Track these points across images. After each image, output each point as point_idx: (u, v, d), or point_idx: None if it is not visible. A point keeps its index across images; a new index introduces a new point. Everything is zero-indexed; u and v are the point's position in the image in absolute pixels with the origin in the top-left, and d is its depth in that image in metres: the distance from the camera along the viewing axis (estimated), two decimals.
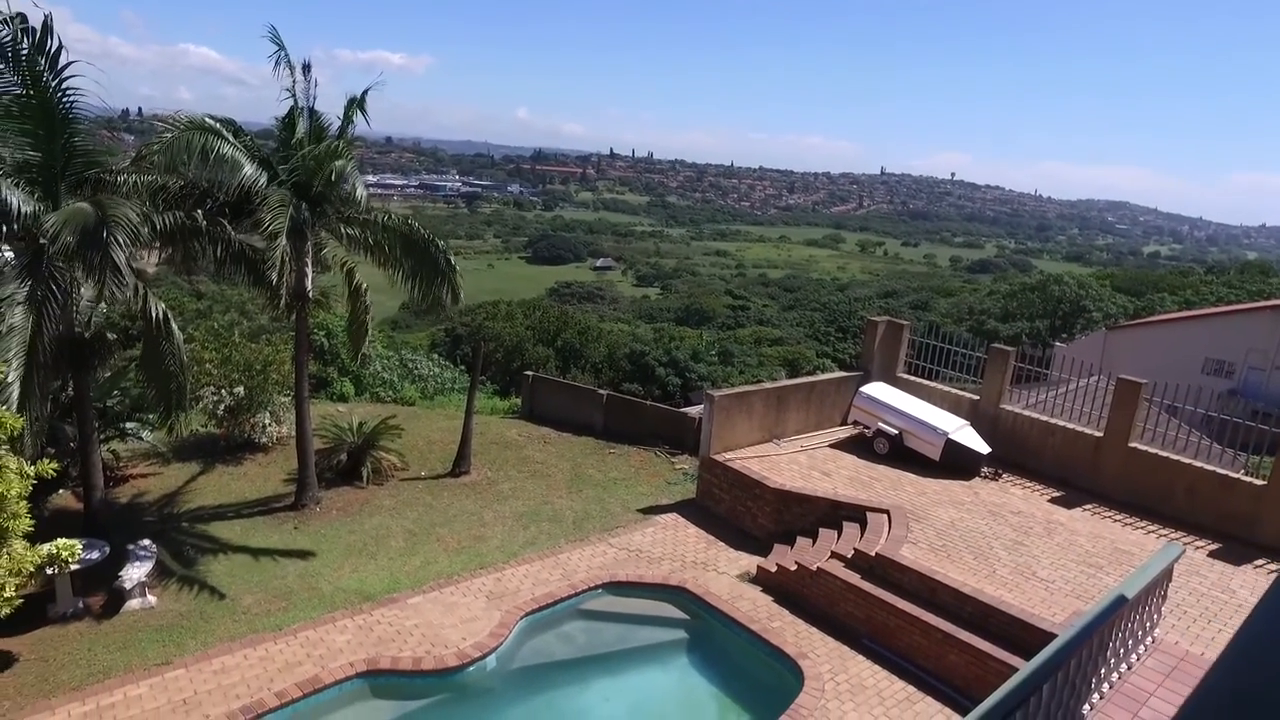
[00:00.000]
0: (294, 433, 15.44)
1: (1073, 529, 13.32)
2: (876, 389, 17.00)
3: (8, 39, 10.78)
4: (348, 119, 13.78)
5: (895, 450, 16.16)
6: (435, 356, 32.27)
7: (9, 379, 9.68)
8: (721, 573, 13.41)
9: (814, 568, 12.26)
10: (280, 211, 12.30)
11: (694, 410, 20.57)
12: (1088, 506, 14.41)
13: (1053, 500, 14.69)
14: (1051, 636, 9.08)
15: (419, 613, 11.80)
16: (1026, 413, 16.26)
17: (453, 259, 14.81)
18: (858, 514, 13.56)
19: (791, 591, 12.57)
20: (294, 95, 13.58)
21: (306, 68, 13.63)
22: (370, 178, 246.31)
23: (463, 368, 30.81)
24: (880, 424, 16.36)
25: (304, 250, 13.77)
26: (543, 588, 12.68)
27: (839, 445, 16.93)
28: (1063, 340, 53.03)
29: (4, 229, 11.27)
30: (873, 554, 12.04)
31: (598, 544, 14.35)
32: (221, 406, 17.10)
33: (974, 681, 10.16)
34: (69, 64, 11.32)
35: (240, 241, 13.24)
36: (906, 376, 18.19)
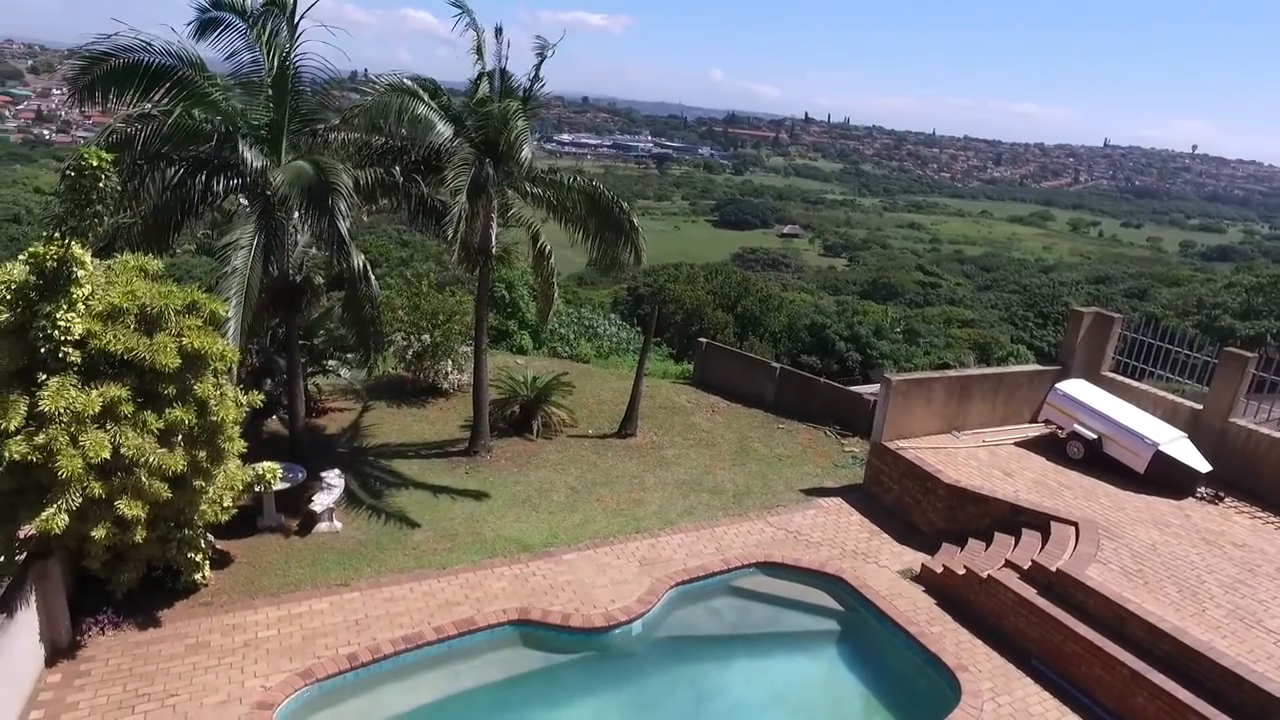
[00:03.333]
0: (472, 381, 16.23)
1: None
2: (1076, 387, 15.39)
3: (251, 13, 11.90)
4: (536, 73, 14.06)
5: (1092, 457, 14.62)
6: (613, 316, 32.90)
7: (228, 315, 10.74)
8: (882, 566, 12.76)
9: (984, 575, 11.36)
10: (463, 170, 12.83)
11: (869, 390, 19.65)
12: None
13: None
14: (1277, 701, 7.87)
15: (573, 569, 12.12)
16: (1265, 430, 14.12)
17: (636, 221, 14.84)
18: (1040, 522, 12.41)
19: (957, 597, 11.75)
20: (480, 56, 14.04)
21: (498, 31, 14.03)
22: (565, 136, 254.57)
23: (639, 329, 31.24)
24: (1077, 426, 14.83)
25: (489, 208, 14.27)
26: (696, 559, 12.64)
27: (1026, 445, 15.55)
28: None
29: (238, 181, 12.49)
30: (1053, 569, 10.97)
31: (756, 521, 14.10)
32: (410, 352, 18.29)
33: None
34: (301, 33, 12.40)
35: (431, 196, 13.93)
36: (1113, 376, 16.34)
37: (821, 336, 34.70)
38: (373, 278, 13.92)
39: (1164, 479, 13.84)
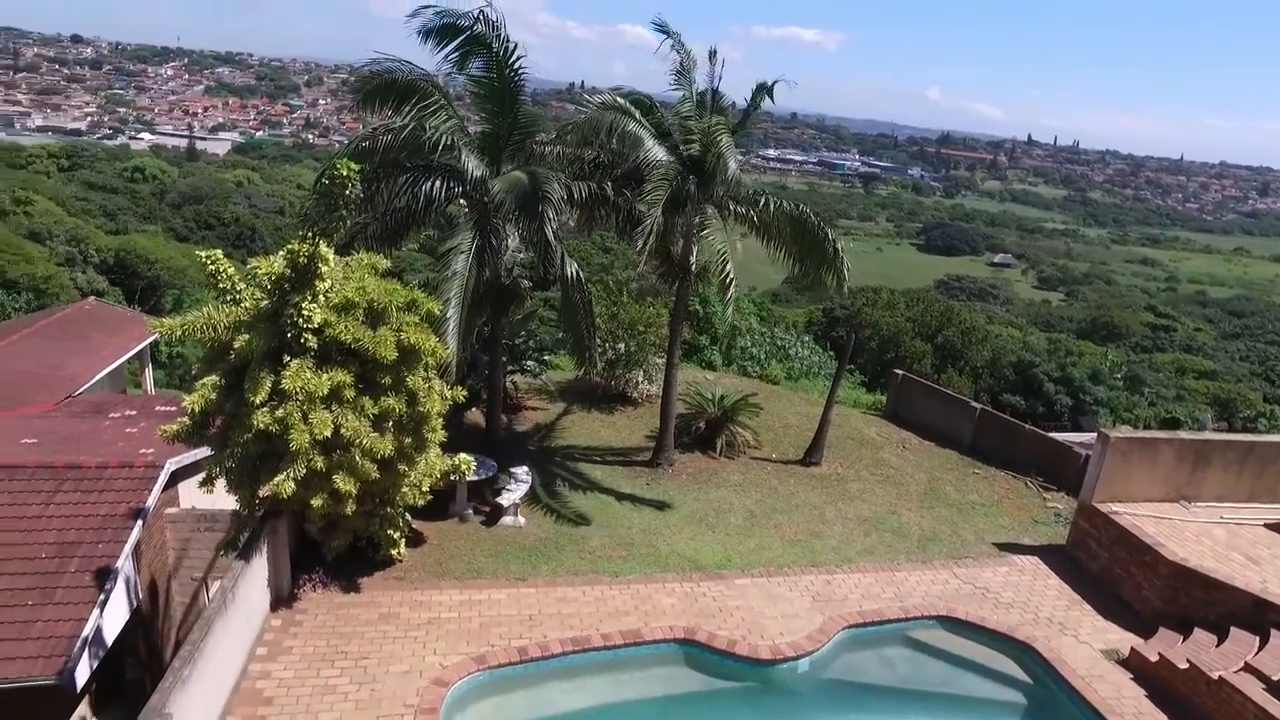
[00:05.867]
0: (661, 393, 16.47)
1: None
2: None
3: (483, 32, 12.81)
4: (754, 105, 14.11)
5: None
6: (807, 339, 32.22)
7: (448, 315, 11.56)
8: (1082, 641, 11.52)
9: (1214, 675, 9.92)
10: (661, 185, 13.10)
11: (1079, 440, 17.90)
12: None
13: None
14: None
15: (743, 595, 11.93)
16: None
17: (841, 247, 14.49)
18: None
19: (1173, 693, 10.35)
20: (683, 79, 14.28)
21: (712, 54, 14.21)
22: (771, 152, 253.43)
23: (832, 354, 30.38)
24: None
25: (691, 225, 14.43)
26: (872, 602, 12.05)
27: None
28: None
29: (460, 188, 13.46)
30: None
31: (940, 570, 13.23)
32: (603, 359, 18.86)
33: None
34: (515, 48, 13.21)
35: (636, 209, 14.31)
36: None
37: (1028, 375, 32.15)
38: (586, 286, 14.55)
39: None
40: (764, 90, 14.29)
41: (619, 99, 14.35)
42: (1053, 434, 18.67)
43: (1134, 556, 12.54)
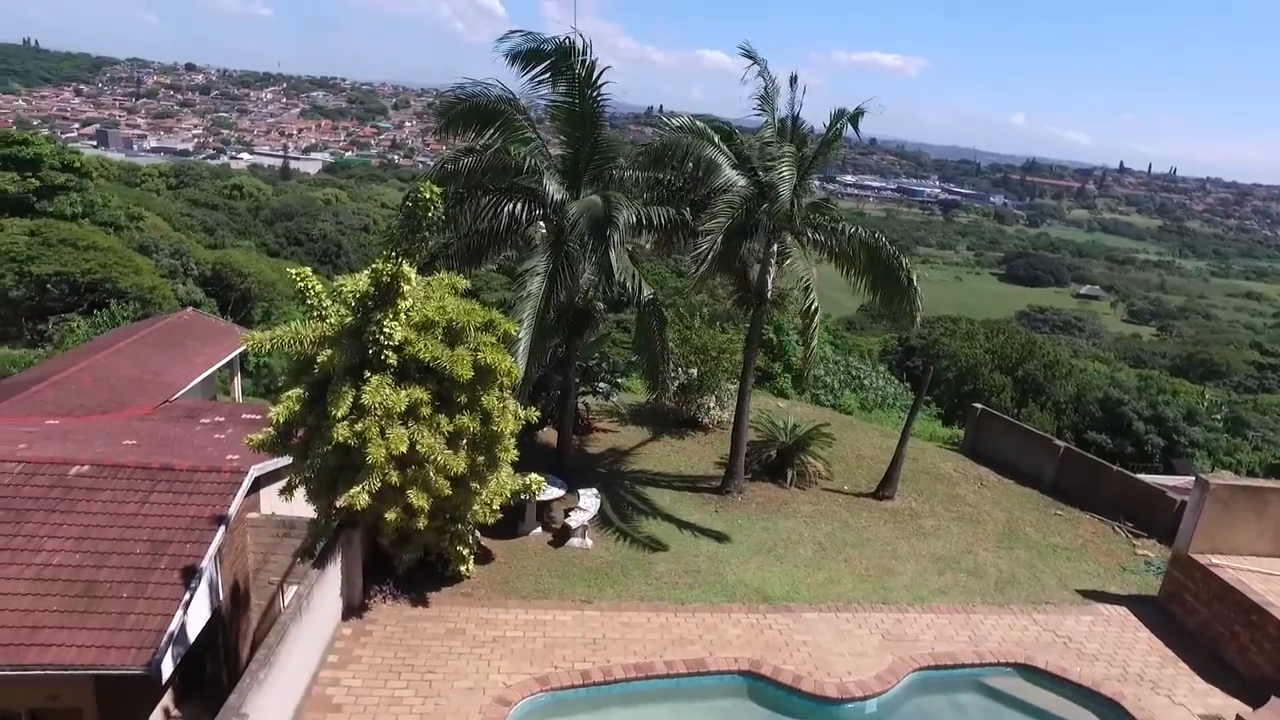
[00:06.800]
0: (733, 420, 16.32)
1: None
2: None
3: (562, 58, 13.06)
4: (833, 132, 14.00)
5: None
6: (881, 369, 31.58)
7: (520, 336, 11.73)
8: (1177, 703, 10.83)
9: None
10: (726, 210, 13.10)
11: (1173, 484, 16.99)
12: None
13: None
14: None
15: (810, 630, 11.65)
16: None
17: (915, 279, 14.20)
18: None
19: None
20: (766, 106, 14.25)
21: (793, 80, 14.16)
22: (849, 178, 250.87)
23: (908, 384, 29.68)
24: None
25: (769, 252, 14.34)
26: (945, 645, 11.61)
27: None
28: None
29: (540, 211, 13.70)
30: None
31: (1019, 616, 12.67)
32: (675, 383, 18.81)
33: None
34: (602, 73, 13.43)
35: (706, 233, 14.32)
36: None
37: (1116, 413, 30.87)
38: (662, 311, 14.63)
39: None
40: (845, 118, 14.17)
41: (697, 123, 14.41)
42: (1143, 476, 17.79)
43: (1239, 615, 11.75)
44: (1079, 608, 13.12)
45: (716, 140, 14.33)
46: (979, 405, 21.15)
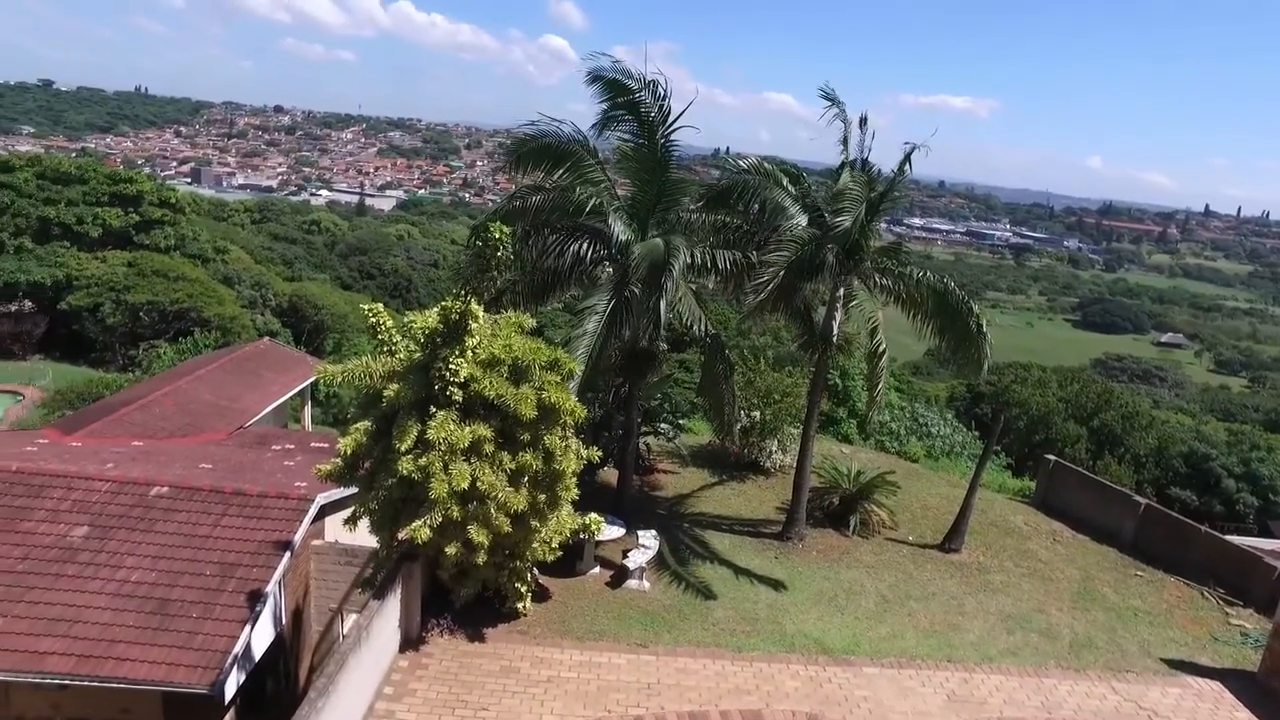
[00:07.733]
0: (795, 465, 16.06)
1: None
2: None
3: (642, 99, 13.28)
4: (899, 173, 13.86)
5: None
6: (949, 415, 30.77)
7: (575, 373, 11.79)
8: None
9: None
10: (789, 246, 13.01)
11: (1269, 547, 16.02)
12: None
13: None
14: None
15: (871, 685, 11.25)
16: None
17: (985, 325, 13.87)
18: None
19: None
20: (846, 147, 14.20)
21: (863, 121, 14.08)
22: (916, 220, 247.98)
23: (976, 433, 28.82)
24: None
25: (835, 295, 14.19)
26: (1015, 709, 11.07)
27: None
28: None
29: (605, 251, 13.86)
30: None
31: (1096, 683, 12.01)
32: (738, 426, 18.62)
33: None
34: (677, 118, 13.53)
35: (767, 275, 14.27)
36: None
37: (1202, 469, 29.37)
38: (728, 355, 14.58)
39: None
40: (914, 150, 13.97)
41: (765, 164, 14.45)
42: (1234, 538, 16.81)
43: None
44: (1165, 678, 12.37)
45: (784, 182, 14.32)
46: (1052, 456, 20.35)
